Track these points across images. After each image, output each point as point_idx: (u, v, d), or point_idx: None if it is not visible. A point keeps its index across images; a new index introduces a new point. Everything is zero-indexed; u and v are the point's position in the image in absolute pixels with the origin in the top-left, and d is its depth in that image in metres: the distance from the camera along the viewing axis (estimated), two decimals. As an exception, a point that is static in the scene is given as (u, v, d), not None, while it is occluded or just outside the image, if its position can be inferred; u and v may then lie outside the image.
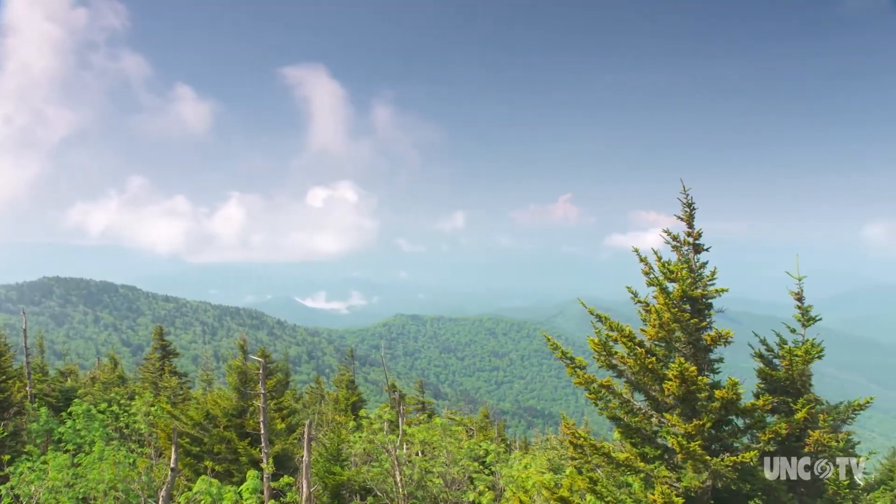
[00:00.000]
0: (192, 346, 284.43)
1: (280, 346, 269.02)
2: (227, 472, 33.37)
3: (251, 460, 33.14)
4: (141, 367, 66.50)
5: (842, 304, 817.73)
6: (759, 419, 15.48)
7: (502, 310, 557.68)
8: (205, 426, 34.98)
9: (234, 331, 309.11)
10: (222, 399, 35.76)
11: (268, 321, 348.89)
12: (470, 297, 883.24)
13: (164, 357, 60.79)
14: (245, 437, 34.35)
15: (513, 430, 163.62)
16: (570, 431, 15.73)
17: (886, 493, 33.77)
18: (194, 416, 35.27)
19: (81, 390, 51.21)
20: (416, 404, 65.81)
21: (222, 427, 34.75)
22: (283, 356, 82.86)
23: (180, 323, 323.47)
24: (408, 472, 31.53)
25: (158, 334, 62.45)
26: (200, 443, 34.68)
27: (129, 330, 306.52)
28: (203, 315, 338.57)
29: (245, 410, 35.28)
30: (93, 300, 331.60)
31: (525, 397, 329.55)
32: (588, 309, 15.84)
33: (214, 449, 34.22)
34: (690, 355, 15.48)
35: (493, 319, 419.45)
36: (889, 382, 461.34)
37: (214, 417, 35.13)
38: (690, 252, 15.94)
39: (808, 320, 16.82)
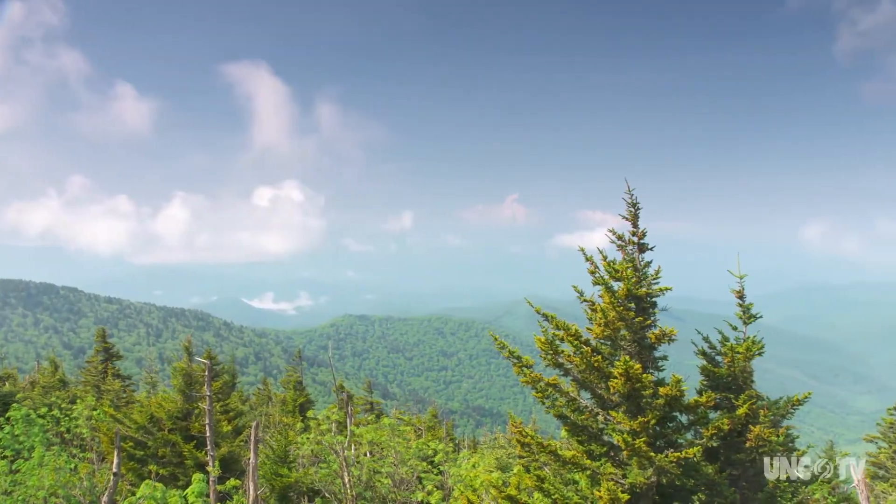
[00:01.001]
0: (136, 348, 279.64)
1: (227, 348, 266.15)
2: (172, 476, 32.85)
3: (197, 463, 32.67)
4: (83, 370, 65.06)
5: (782, 302, 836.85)
6: (703, 415, 15.73)
7: (450, 309, 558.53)
8: (149, 429, 34.38)
9: (179, 332, 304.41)
10: (167, 402, 35.19)
11: (214, 322, 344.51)
12: (418, 297, 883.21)
13: (107, 360, 59.62)
14: (190, 439, 33.85)
15: (461, 430, 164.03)
16: (518, 430, 15.79)
17: (823, 485, 34.64)
18: (138, 419, 34.64)
19: (20, 395, 49.92)
20: (365, 404, 65.56)
21: (167, 430, 34.20)
22: (229, 358, 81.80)
23: (124, 325, 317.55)
24: (356, 472, 31.39)
25: (101, 336, 61.21)
26: (144, 446, 34.08)
27: (70, 332, 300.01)
28: (147, 317, 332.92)
29: (190, 413, 34.77)
30: (32, 302, 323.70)
31: (473, 396, 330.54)
32: (535, 308, 15.94)
33: (159, 452, 33.66)
34: (635, 353, 15.67)
35: (441, 319, 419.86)
36: (826, 378, 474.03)
37: (159, 420, 34.55)
38: (635, 251, 16.13)
39: (749, 318, 17.19)
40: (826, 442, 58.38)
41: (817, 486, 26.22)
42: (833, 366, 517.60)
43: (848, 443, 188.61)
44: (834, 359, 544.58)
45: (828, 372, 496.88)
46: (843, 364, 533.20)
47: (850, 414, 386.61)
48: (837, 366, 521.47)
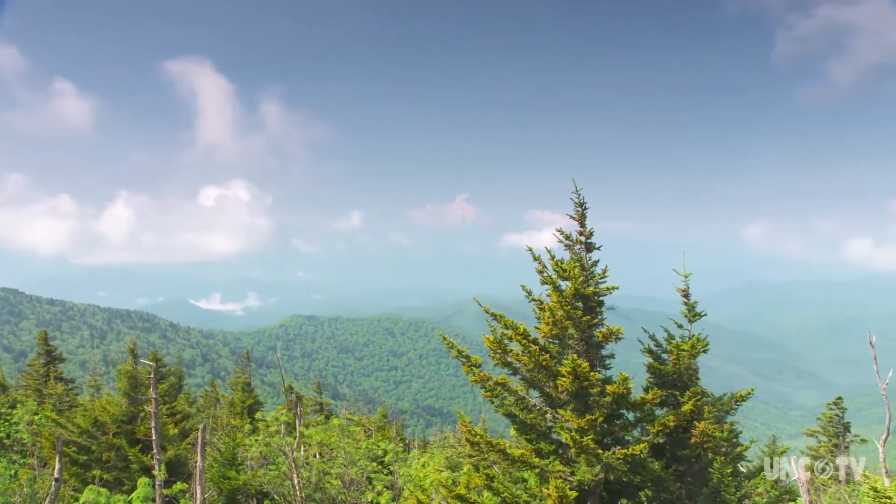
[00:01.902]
0: (79, 350, 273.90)
1: (173, 350, 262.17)
2: (116, 481, 32.28)
3: (142, 467, 32.14)
4: (24, 373, 63.56)
5: (726, 301, 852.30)
6: (649, 412, 15.95)
7: (400, 309, 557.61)
8: (93, 434, 33.73)
9: (124, 334, 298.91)
10: (111, 405, 34.56)
11: (160, 324, 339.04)
12: (368, 297, 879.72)
13: (49, 363, 58.26)
14: (136, 443, 33.29)
15: (411, 430, 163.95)
16: (467, 429, 15.84)
17: (766, 479, 35.33)
18: (81, 423, 33.95)
19: (-42, 400, 48.64)
20: (314, 405, 65.19)
21: (111, 434, 33.58)
22: (176, 359, 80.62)
23: (67, 327, 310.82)
24: (305, 474, 31.19)
25: (43, 339, 59.82)
26: (88, 451, 33.42)
27: (10, 335, 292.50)
28: (91, 318, 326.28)
29: (136, 416, 34.20)
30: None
31: (423, 396, 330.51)
32: (483, 308, 15.99)
33: (103, 457, 33.04)
34: (583, 352, 15.82)
35: (391, 319, 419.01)
36: (769, 374, 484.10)
37: (103, 424, 33.91)
38: (583, 251, 16.29)
39: (694, 316, 17.46)
40: (769, 437, 59.55)
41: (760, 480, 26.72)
42: (776, 362, 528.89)
43: (790, 437, 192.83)
44: (777, 355, 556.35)
45: (771, 368, 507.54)
46: (786, 360, 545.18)
47: (792, 409, 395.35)
48: (780, 362, 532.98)
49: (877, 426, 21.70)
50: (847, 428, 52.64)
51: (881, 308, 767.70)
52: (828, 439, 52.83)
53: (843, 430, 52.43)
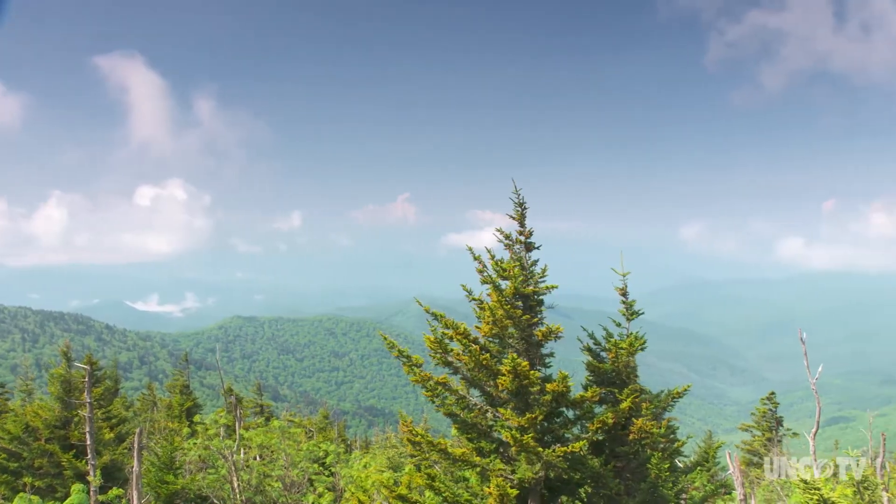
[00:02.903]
0: (10, 354, 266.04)
1: (109, 352, 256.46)
2: (49, 488, 31.54)
3: (77, 473, 31.45)
4: (-49, 378, 61.64)
5: (663, 299, 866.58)
6: (588, 410, 16.15)
7: (342, 309, 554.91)
8: (24, 440, 32.89)
9: (58, 337, 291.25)
10: (44, 410, 33.76)
11: (95, 326, 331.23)
12: (309, 298, 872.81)
13: (-22, 367, 56.61)
14: (69, 449, 32.56)
15: (354, 430, 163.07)
16: (408, 429, 15.84)
17: (703, 473, 36.06)
18: (12, 429, 33.09)
19: None
20: (255, 407, 64.49)
21: (44, 440, 32.79)
22: (111, 362, 79.02)
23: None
24: (245, 477, 30.86)
25: (-29, 343, 58.11)
26: (19, 458, 32.58)
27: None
28: (23, 321, 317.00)
29: (69, 421, 33.46)
30: None
31: (365, 397, 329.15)
32: (424, 307, 16.00)
33: (35, 463, 32.24)
34: (523, 350, 15.93)
35: (332, 319, 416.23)
36: (705, 371, 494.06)
37: (35, 430, 33.09)
38: (522, 250, 16.41)
39: (632, 314, 17.74)
40: (705, 432, 60.76)
41: (696, 474, 27.19)
42: (712, 359, 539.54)
43: (725, 432, 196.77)
44: (712, 352, 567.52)
45: (707, 365, 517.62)
46: (721, 357, 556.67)
47: (727, 405, 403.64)
48: (716, 359, 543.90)
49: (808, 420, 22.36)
50: (780, 422, 53.98)
51: (812, 305, 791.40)
52: (761, 433, 54.08)
53: (776, 424, 53.74)
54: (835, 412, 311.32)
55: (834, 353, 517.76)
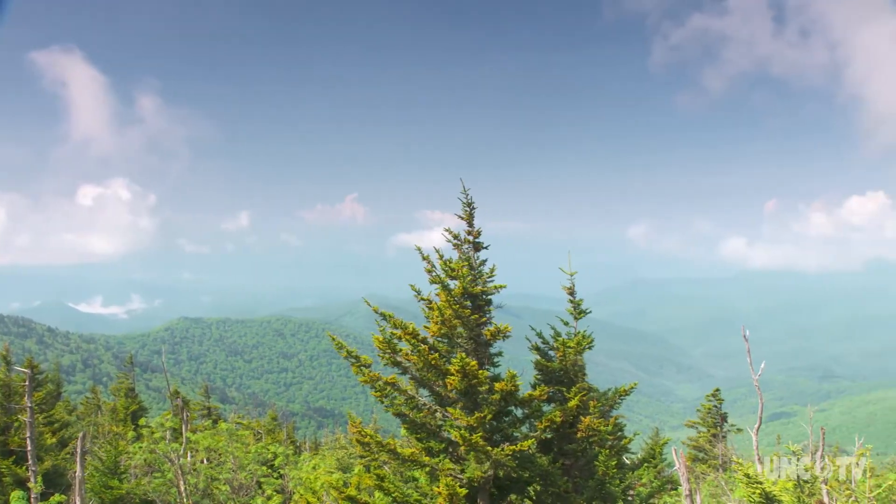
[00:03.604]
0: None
1: (51, 356, 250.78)
2: (-12, 495, 30.73)
3: (17, 480, 30.73)
4: None
5: (611, 298, 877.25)
6: (537, 408, 16.25)
7: (291, 310, 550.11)
8: (-39, 446, 32.05)
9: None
10: (-18, 415, 32.90)
11: (37, 329, 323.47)
12: (257, 298, 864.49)
13: (-87, 372, 54.94)
14: (9, 455, 31.80)
15: (303, 432, 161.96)
16: (357, 430, 15.78)
17: (650, 469, 36.56)
18: (-51, 435, 32.23)
19: None
20: (202, 410, 63.64)
21: (-18, 446, 31.98)
22: (53, 366, 77.36)
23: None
24: (192, 480, 30.46)
25: None
26: (-44, 464, 31.73)
27: None
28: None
29: (9, 426, 32.67)
30: None
31: (315, 398, 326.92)
32: (373, 308, 15.97)
33: (-27, 470, 31.43)
34: (472, 350, 15.98)
35: (280, 320, 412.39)
36: (652, 369, 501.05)
37: (-27, 436, 32.27)
38: (471, 250, 16.47)
39: (580, 313, 17.92)
40: (652, 429, 61.57)
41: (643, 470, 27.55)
42: (658, 357, 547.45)
43: (672, 429, 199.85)
44: (659, 350, 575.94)
45: (654, 363, 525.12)
46: (668, 355, 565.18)
47: (674, 402, 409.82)
48: (662, 357, 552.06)
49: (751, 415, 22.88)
50: (724, 418, 54.87)
51: (755, 303, 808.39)
52: (707, 429, 54.95)
53: (721, 420, 54.63)
54: (777, 408, 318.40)
55: (776, 350, 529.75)
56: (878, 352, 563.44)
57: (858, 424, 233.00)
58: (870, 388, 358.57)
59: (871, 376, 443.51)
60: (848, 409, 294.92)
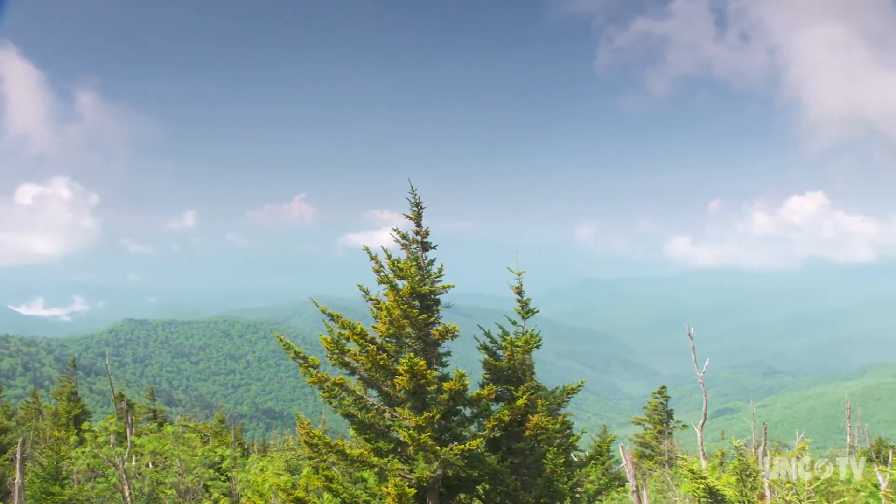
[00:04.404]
0: None
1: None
2: (-77, 503, 29.93)
3: (-47, 487, 29.94)
4: None
5: (559, 297, 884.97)
6: (485, 408, 16.34)
7: (238, 311, 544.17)
8: None
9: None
10: (-83, 421, 32.01)
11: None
12: (204, 299, 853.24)
13: None
14: (-55, 461, 30.97)
15: (251, 434, 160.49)
16: (305, 431, 15.70)
17: (598, 466, 37.00)
18: None
19: None
20: (147, 413, 62.70)
21: (-83, 452, 31.09)
22: (-8, 370, 75.58)
23: None
24: (137, 485, 30.01)
25: None
26: None
27: None
28: None
29: (-55, 432, 31.82)
30: None
31: (263, 399, 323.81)
32: (320, 308, 15.90)
33: None
34: (420, 350, 16.01)
35: (228, 321, 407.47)
36: (600, 367, 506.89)
37: None
38: (419, 250, 16.50)
39: (528, 312, 18.06)
40: (600, 426, 62.31)
41: (591, 467, 27.85)
42: (606, 355, 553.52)
43: (619, 426, 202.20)
44: (607, 349, 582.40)
45: (601, 361, 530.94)
46: (615, 353, 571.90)
47: (621, 399, 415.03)
48: (610, 355, 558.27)
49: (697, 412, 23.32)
50: (670, 415, 55.80)
51: (699, 302, 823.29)
52: (653, 426, 55.78)
53: (667, 416, 55.52)
54: (722, 404, 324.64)
55: (721, 348, 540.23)
56: (818, 348, 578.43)
57: (799, 419, 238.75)
58: (810, 383, 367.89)
59: (811, 372, 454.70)
60: (789, 404, 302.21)
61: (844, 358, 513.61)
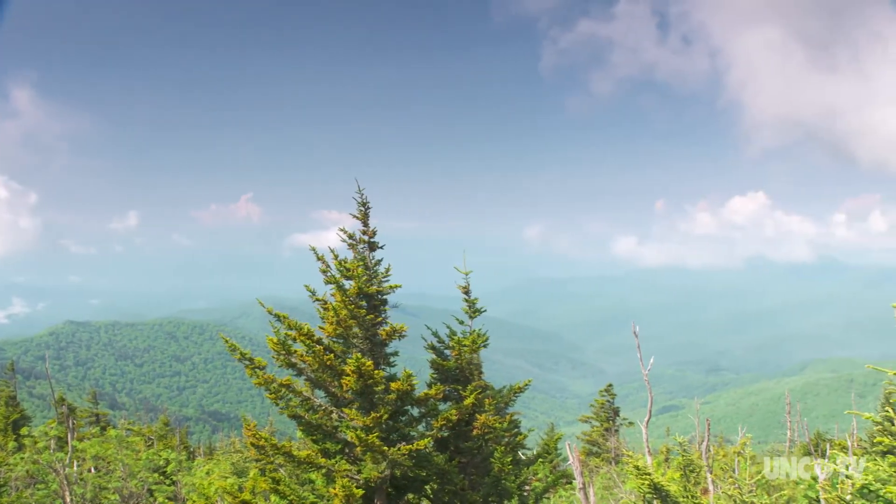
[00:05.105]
0: None
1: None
2: None
3: None
4: None
5: (507, 297, 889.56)
6: (433, 407, 16.35)
7: (184, 312, 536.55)
8: None
9: None
10: None
11: None
12: (150, 301, 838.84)
13: None
14: None
15: (197, 437, 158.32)
16: (252, 433, 15.54)
17: (545, 464, 37.28)
18: None
19: None
20: (90, 417, 61.61)
21: None
22: (-75, 375, 73.33)
23: None
24: (79, 491, 29.44)
25: None
26: None
27: None
28: None
29: None
30: None
31: (209, 401, 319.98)
32: (267, 309, 15.76)
33: None
34: (367, 350, 15.96)
35: (173, 322, 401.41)
36: (548, 366, 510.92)
37: None
38: (366, 250, 16.44)
39: (475, 312, 18.11)
40: (548, 425, 62.80)
41: (539, 465, 28.04)
42: (554, 354, 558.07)
43: (567, 424, 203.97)
44: (554, 347, 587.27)
45: (549, 360, 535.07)
46: (563, 352, 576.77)
47: (569, 398, 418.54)
48: (558, 354, 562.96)
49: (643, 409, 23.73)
50: (617, 412, 56.53)
51: (645, 300, 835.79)
52: (600, 424, 56.46)
53: (614, 414, 56.25)
54: (667, 401, 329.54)
55: (666, 345, 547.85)
56: (759, 345, 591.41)
57: (741, 415, 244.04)
58: (752, 380, 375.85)
59: (753, 369, 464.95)
60: (732, 400, 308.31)
61: (785, 354, 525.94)
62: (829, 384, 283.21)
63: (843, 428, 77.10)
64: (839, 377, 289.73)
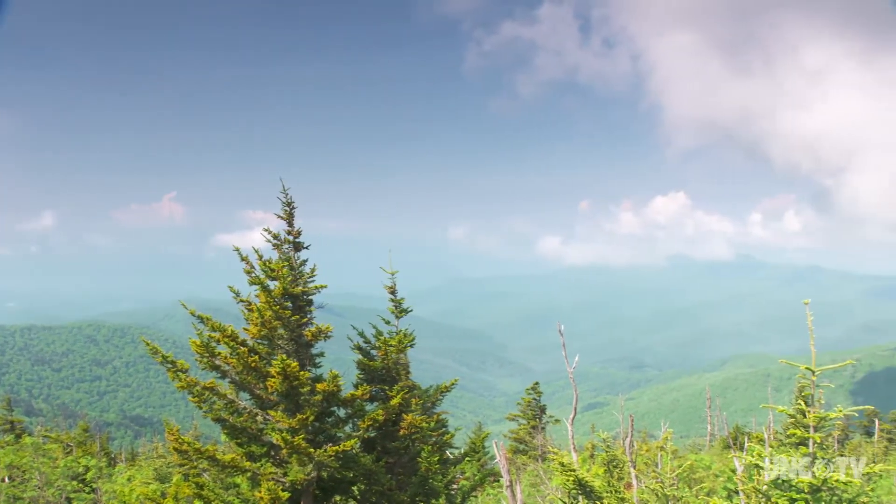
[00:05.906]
0: None
1: None
2: None
3: None
4: None
5: (434, 297, 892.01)
6: (359, 408, 16.33)
7: (105, 315, 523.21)
8: None
9: None
10: None
11: None
12: (70, 304, 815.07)
13: None
14: None
15: (119, 442, 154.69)
16: (174, 437, 15.25)
17: (473, 463, 37.49)
18: None
19: None
20: (4, 424, 59.66)
21: None
22: None
23: None
24: (-8, 501, 28.47)
25: None
26: None
27: None
28: None
29: None
30: None
31: (131, 406, 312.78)
32: (190, 310, 15.50)
33: None
34: (293, 351, 15.85)
35: (93, 326, 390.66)
36: (475, 365, 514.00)
37: None
38: (291, 250, 16.33)
39: (402, 312, 18.14)
40: (475, 423, 63.22)
41: (466, 464, 28.22)
42: (481, 353, 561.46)
43: (495, 422, 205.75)
44: (482, 346, 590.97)
45: (476, 359, 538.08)
46: (490, 351, 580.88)
47: (496, 396, 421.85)
48: (485, 353, 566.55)
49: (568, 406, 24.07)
50: (543, 410, 57.17)
51: (570, 298, 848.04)
52: (527, 422, 57.03)
53: (540, 412, 56.88)
54: (592, 398, 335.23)
55: (591, 343, 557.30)
56: (681, 342, 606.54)
57: (664, 410, 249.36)
58: (674, 376, 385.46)
59: (675, 365, 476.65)
60: (655, 396, 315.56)
61: (706, 350, 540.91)
62: (747, 379, 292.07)
63: (760, 421, 79.62)
64: (756, 372, 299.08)
